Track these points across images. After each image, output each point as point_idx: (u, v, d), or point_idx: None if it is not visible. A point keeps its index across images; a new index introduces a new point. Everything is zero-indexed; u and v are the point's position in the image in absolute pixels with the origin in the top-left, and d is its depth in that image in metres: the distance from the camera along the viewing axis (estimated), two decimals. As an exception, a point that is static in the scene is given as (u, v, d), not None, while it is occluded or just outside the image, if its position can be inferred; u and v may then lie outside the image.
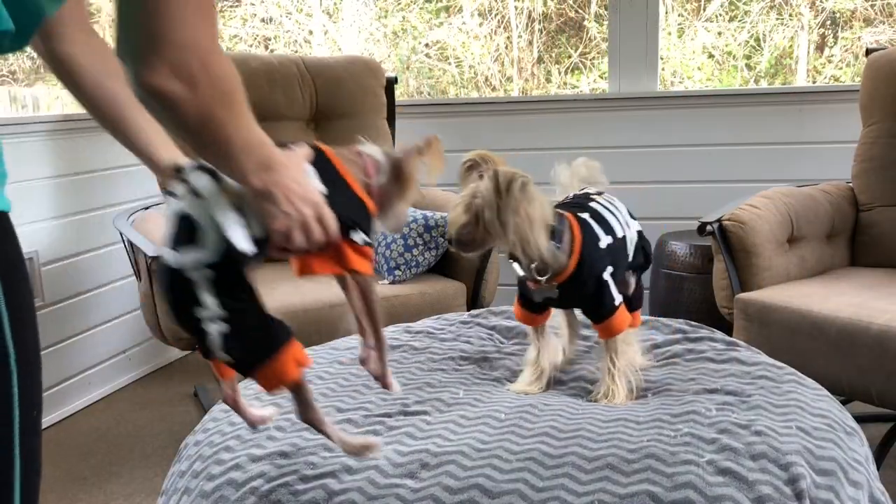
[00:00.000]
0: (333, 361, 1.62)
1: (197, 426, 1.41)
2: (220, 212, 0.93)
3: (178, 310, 0.96)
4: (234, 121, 0.88)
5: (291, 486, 1.12)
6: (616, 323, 1.42)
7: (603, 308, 1.42)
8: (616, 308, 1.42)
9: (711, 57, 4.52)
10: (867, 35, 4.30)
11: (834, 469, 1.14)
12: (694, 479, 1.07)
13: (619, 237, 1.46)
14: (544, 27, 4.72)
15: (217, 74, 0.82)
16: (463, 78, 4.87)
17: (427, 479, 1.12)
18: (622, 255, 1.47)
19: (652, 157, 3.16)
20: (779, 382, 1.42)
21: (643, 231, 1.59)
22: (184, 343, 2.23)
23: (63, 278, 2.72)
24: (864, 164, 2.50)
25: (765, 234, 2.19)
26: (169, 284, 0.95)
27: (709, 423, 1.24)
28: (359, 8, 4.85)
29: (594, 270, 1.40)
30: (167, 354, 3.25)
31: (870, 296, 2.04)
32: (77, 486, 2.23)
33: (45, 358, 2.88)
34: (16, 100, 3.83)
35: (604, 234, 1.43)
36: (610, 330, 1.43)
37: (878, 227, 2.44)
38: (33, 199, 2.60)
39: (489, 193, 1.26)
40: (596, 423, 1.27)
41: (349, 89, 2.90)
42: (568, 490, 1.07)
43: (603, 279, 1.41)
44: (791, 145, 3.03)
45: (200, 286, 0.93)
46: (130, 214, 2.58)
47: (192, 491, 1.20)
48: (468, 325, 1.87)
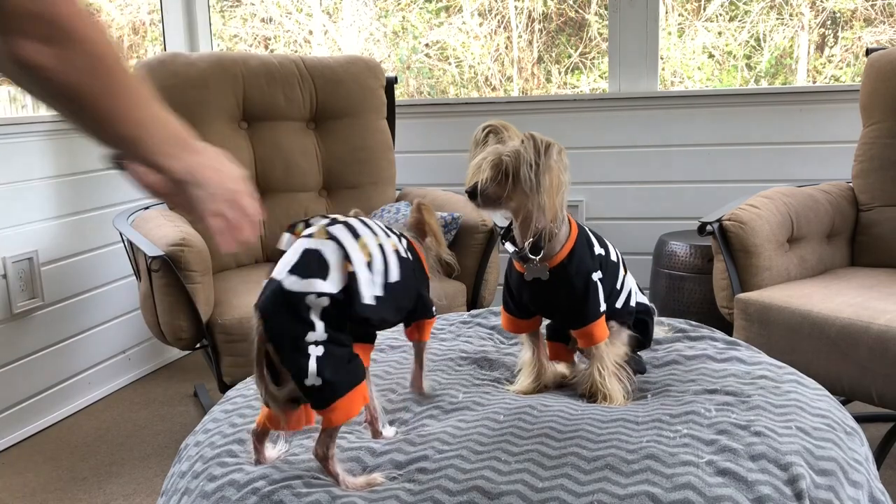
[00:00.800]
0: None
1: (197, 426, 1.41)
2: (357, 259, 1.10)
3: (281, 329, 1.06)
4: (119, 91, 0.80)
5: (294, 489, 1.12)
6: (597, 331, 1.41)
7: (587, 310, 1.40)
8: (600, 315, 1.41)
9: (711, 57, 4.52)
10: (867, 35, 4.30)
11: (834, 469, 1.14)
12: (693, 479, 1.07)
13: (612, 260, 1.47)
14: (544, 27, 4.72)
15: (84, 36, 0.75)
16: (463, 78, 4.87)
17: (426, 482, 1.12)
18: (611, 274, 1.46)
19: (652, 157, 3.16)
20: (779, 382, 1.42)
21: (650, 309, 1.56)
22: (183, 343, 2.23)
23: (63, 278, 2.73)
24: (864, 163, 2.50)
25: (765, 234, 2.19)
26: (281, 305, 1.06)
27: (708, 424, 1.24)
28: (359, 8, 4.85)
29: (584, 265, 1.40)
30: (167, 354, 3.26)
31: (870, 296, 2.04)
32: (77, 486, 2.23)
33: (45, 358, 2.90)
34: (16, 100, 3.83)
35: (598, 245, 1.45)
36: (590, 337, 1.41)
37: (878, 227, 2.44)
38: (33, 199, 2.60)
39: (529, 152, 1.27)
40: (595, 423, 1.27)
41: (349, 89, 2.90)
42: (567, 491, 1.07)
43: (592, 280, 1.40)
44: (791, 145, 3.03)
45: (314, 311, 1.06)
46: (130, 214, 2.59)
47: (192, 491, 1.20)
48: (468, 325, 1.87)
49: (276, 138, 2.79)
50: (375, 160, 2.92)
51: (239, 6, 5.02)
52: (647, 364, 1.57)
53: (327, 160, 2.87)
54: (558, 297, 1.40)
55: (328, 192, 2.89)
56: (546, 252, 1.37)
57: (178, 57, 2.70)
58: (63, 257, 2.73)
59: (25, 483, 2.26)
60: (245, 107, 2.75)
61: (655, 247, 2.87)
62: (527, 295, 1.43)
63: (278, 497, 1.11)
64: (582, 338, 1.43)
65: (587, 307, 1.40)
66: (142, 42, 4.93)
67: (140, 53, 4.87)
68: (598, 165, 3.17)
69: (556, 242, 1.38)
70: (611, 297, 1.45)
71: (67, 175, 2.74)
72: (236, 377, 2.13)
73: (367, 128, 2.93)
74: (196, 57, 2.73)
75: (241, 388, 1.55)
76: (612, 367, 1.42)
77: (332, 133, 2.89)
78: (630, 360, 1.49)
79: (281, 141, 2.79)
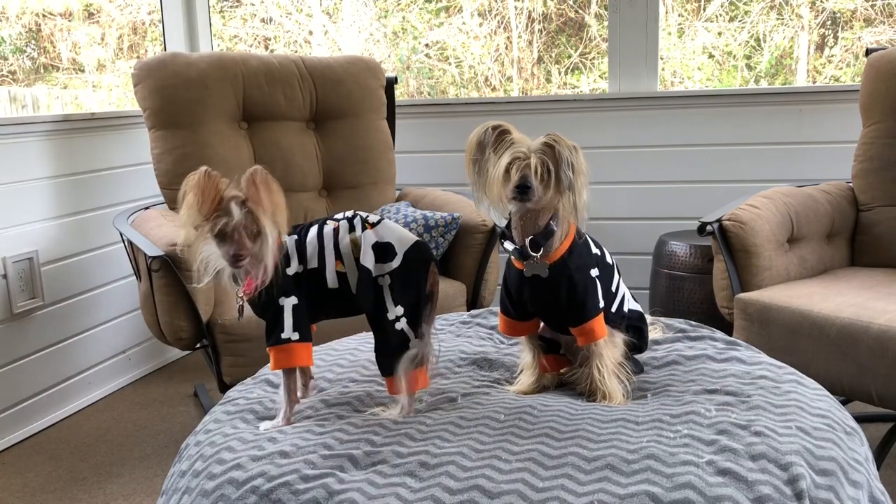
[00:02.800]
0: (333, 364, 1.62)
1: (198, 426, 1.41)
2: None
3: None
4: None
5: (292, 486, 1.12)
6: (596, 328, 1.42)
7: (587, 306, 1.41)
8: (598, 312, 1.42)
9: (711, 57, 4.52)
10: (867, 35, 4.30)
11: (834, 469, 1.14)
12: (693, 479, 1.07)
13: (608, 262, 1.49)
14: (544, 27, 4.72)
15: None
16: (463, 78, 4.87)
17: (427, 480, 1.12)
18: (607, 275, 1.47)
19: (652, 157, 3.16)
20: (779, 382, 1.42)
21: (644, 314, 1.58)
22: (183, 343, 2.23)
23: (63, 278, 2.73)
24: (864, 164, 2.50)
25: (765, 234, 2.19)
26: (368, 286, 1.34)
27: (708, 424, 1.24)
28: (359, 8, 4.85)
29: (583, 261, 1.41)
30: (167, 354, 3.26)
31: (870, 296, 2.04)
32: (77, 486, 2.23)
33: (45, 358, 2.89)
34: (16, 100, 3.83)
35: (594, 245, 1.47)
36: (590, 334, 1.42)
37: (878, 227, 2.45)
38: (33, 199, 2.60)
39: (565, 153, 1.31)
40: (595, 423, 1.27)
41: (349, 89, 2.90)
42: (567, 490, 1.07)
43: (591, 275, 1.42)
44: (791, 145, 3.03)
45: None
46: (130, 214, 2.59)
47: (192, 490, 1.21)
48: (468, 325, 1.87)
49: (276, 138, 2.79)
50: (375, 160, 2.92)
51: (239, 6, 5.02)
52: (647, 364, 1.57)
53: (327, 160, 2.87)
54: (558, 293, 1.41)
55: (328, 192, 2.89)
56: (545, 248, 1.38)
57: (178, 57, 2.70)
58: (63, 257, 2.73)
59: (25, 483, 2.26)
60: (245, 107, 2.75)
61: (655, 247, 2.87)
62: (527, 292, 1.43)
63: (277, 496, 1.11)
64: (581, 335, 1.43)
65: (586, 302, 1.41)
66: (142, 42, 4.93)
67: (140, 53, 4.87)
68: (598, 165, 3.16)
69: (554, 240, 1.38)
70: (606, 300, 1.45)
71: (67, 175, 2.74)
72: (236, 377, 2.13)
73: (367, 128, 2.93)
74: (196, 57, 2.73)
75: (241, 388, 1.55)
76: (612, 366, 1.42)
77: (332, 133, 2.89)
78: (628, 359, 1.49)
79: (281, 141, 2.79)
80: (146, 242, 2.21)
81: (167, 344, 2.28)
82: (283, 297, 1.34)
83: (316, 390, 1.49)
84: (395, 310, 1.34)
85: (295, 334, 1.34)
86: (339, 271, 1.35)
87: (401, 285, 1.35)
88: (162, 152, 2.63)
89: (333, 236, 1.37)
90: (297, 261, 1.35)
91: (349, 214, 1.40)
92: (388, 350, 1.35)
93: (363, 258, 1.34)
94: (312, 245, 1.36)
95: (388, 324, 1.34)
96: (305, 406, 1.41)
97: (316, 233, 1.38)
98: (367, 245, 1.35)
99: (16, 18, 4.51)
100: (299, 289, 1.35)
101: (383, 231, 1.37)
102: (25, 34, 4.57)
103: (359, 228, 1.37)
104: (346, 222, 1.38)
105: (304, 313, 1.35)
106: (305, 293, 1.36)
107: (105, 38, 4.80)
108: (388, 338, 1.35)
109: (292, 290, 1.34)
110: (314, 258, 1.35)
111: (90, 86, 4.78)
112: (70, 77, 4.72)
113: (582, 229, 1.41)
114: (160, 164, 2.64)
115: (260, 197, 1.25)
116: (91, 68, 4.78)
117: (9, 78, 4.43)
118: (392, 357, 1.34)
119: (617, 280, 1.50)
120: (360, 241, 1.35)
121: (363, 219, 1.38)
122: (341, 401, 1.42)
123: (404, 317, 1.34)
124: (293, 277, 1.35)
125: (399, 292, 1.34)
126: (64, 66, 4.72)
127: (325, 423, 1.33)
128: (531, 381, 1.49)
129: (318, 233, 1.37)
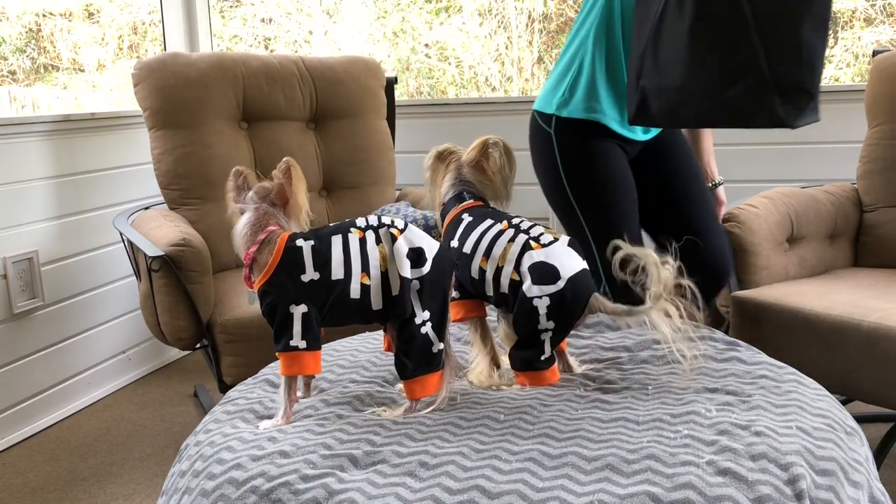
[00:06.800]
0: (334, 364, 1.62)
1: (198, 426, 1.41)
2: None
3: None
4: None
5: (292, 486, 1.12)
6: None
7: None
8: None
9: (711, 57, 4.51)
10: (868, 35, 4.30)
11: (834, 469, 1.14)
12: (694, 479, 1.07)
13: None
14: (544, 27, 4.72)
15: None
16: (463, 78, 4.87)
17: (427, 480, 1.12)
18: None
19: (652, 157, 3.15)
20: (779, 382, 1.42)
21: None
22: (183, 343, 2.23)
23: (63, 278, 2.73)
24: (869, 165, 2.50)
25: (763, 233, 2.19)
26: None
27: (709, 424, 1.24)
28: (359, 8, 4.85)
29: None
30: (167, 354, 3.26)
31: (865, 294, 2.04)
32: (77, 486, 2.23)
33: (45, 358, 2.89)
34: (16, 100, 3.83)
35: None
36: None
37: (881, 228, 2.45)
38: (33, 199, 2.60)
39: (507, 157, 1.64)
40: (595, 423, 1.27)
41: (349, 89, 2.90)
42: (567, 490, 1.07)
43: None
44: (792, 145, 3.03)
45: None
46: (130, 214, 2.59)
47: (192, 490, 1.21)
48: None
49: (276, 138, 2.79)
50: (375, 160, 2.92)
51: (239, 6, 5.02)
52: (647, 363, 1.57)
53: (327, 160, 2.87)
54: None
55: (328, 192, 2.89)
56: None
57: (178, 57, 2.70)
58: (63, 257, 2.73)
59: (25, 483, 2.26)
60: (245, 107, 2.75)
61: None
62: None
63: (277, 496, 1.11)
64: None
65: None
66: (142, 42, 4.93)
67: (140, 53, 4.87)
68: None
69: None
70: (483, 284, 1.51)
71: (67, 175, 2.74)
72: (236, 377, 2.13)
73: (367, 128, 2.93)
74: (196, 57, 2.73)
75: (241, 388, 1.55)
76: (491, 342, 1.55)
77: (331, 133, 2.89)
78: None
79: (281, 141, 2.79)
80: (146, 242, 2.21)
81: (167, 344, 2.28)
82: (294, 304, 1.34)
83: (316, 390, 1.49)
84: (422, 314, 1.35)
85: (303, 342, 1.34)
86: (364, 283, 1.35)
87: (430, 290, 1.36)
88: (162, 152, 2.63)
89: (361, 248, 1.36)
90: (313, 268, 1.35)
91: (374, 222, 1.39)
92: (412, 353, 1.35)
93: (401, 268, 1.34)
94: (338, 257, 1.35)
95: (416, 328, 1.35)
96: (305, 406, 1.41)
97: (341, 244, 1.37)
98: (401, 254, 1.35)
99: (16, 18, 4.51)
100: (311, 297, 1.35)
101: (412, 236, 1.37)
102: (25, 34, 4.57)
103: (386, 241, 1.36)
104: (373, 232, 1.38)
105: (314, 322, 1.35)
106: (321, 301, 1.35)
107: (105, 38, 4.81)
108: (413, 342, 1.35)
109: (304, 298, 1.34)
110: (339, 269, 1.34)
111: (90, 86, 4.78)
112: (70, 77, 4.73)
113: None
114: (160, 164, 2.64)
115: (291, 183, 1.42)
116: (91, 68, 4.78)
117: (9, 78, 4.42)
118: (416, 361, 1.35)
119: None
120: (388, 254, 1.35)
121: (389, 226, 1.38)
122: (341, 401, 1.42)
123: (430, 321, 1.35)
124: (307, 285, 1.35)
125: (428, 297, 1.36)
126: (64, 66, 4.73)
127: (325, 423, 1.33)
128: (485, 364, 1.52)
129: (344, 245, 1.37)
